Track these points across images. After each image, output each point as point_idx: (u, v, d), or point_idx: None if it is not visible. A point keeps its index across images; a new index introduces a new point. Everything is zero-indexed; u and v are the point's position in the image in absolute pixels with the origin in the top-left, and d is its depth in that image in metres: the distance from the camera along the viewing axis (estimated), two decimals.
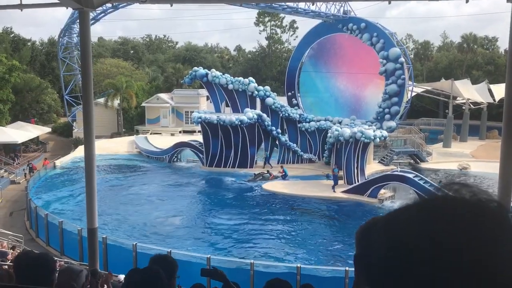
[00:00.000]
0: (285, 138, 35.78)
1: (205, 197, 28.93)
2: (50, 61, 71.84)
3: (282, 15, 65.71)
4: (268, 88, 37.96)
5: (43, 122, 56.34)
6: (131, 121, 55.01)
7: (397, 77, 33.59)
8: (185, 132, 51.45)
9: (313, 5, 33.91)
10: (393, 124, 33.93)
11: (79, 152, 35.38)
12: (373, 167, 34.17)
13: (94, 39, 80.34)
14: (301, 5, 34.45)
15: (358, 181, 29.18)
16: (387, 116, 33.89)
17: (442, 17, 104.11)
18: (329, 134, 32.75)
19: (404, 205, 0.81)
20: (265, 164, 34.95)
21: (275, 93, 38.02)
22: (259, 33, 72.40)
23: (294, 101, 38.93)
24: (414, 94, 41.77)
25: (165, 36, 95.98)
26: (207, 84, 38.07)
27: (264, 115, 34.45)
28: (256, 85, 37.28)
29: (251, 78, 37.99)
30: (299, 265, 15.11)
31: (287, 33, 73.67)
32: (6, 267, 9.54)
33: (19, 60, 51.86)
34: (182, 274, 3.60)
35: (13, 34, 71.45)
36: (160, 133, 50.79)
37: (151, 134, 50.02)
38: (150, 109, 53.70)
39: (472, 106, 48.94)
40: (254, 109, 35.74)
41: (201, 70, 38.06)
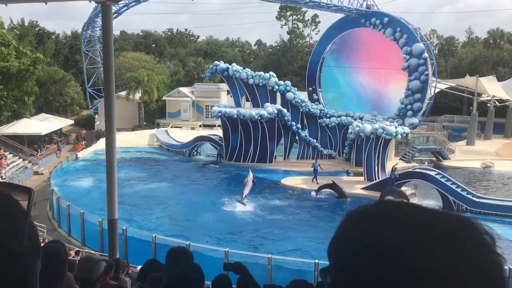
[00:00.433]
0: (305, 134, 35.53)
1: (223, 190, 28.94)
2: (73, 54, 72.90)
3: (304, 9, 65.26)
4: (288, 83, 37.70)
5: (71, 113, 57.54)
6: (152, 114, 55.43)
7: (420, 73, 33.05)
8: (205, 126, 51.56)
9: None
10: (415, 120, 33.43)
11: (101, 144, 35.81)
12: (393, 164, 33.65)
13: (116, 32, 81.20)
14: None
15: (378, 178, 28.88)
16: (409, 113, 33.41)
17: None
18: (349, 130, 32.42)
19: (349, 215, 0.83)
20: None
21: (295, 88, 37.71)
22: (281, 27, 72.12)
23: (315, 96, 38.66)
24: (437, 90, 41.08)
25: (186, 30, 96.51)
26: (228, 78, 38.08)
27: (284, 110, 34.25)
28: (277, 79, 37.05)
29: (271, 73, 37.82)
30: (316, 261, 15.01)
31: (309, 27, 73.21)
32: None
33: (43, 53, 52.67)
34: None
35: (38, 28, 72.67)
36: (181, 127, 51.03)
37: (171, 127, 50.30)
38: (171, 102, 53.99)
39: (497, 103, 47.86)
40: (274, 104, 35.56)
41: (222, 64, 38.07)
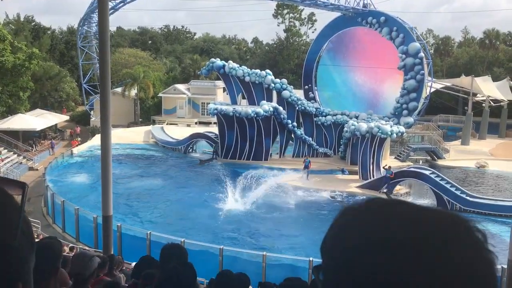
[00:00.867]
0: (300, 132, 35.57)
1: (219, 188, 28.92)
2: (69, 49, 72.59)
3: (301, 8, 65.22)
4: (285, 81, 37.73)
5: (66, 109, 57.35)
6: (148, 111, 55.34)
7: (416, 73, 33.12)
8: (201, 123, 51.55)
9: None
10: (410, 120, 33.53)
11: (96, 140, 35.73)
12: (388, 163, 33.79)
13: (112, 28, 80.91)
14: None
15: (373, 177, 28.97)
16: (404, 112, 33.49)
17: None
18: (345, 129, 32.49)
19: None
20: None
21: (292, 86, 37.72)
22: (278, 25, 72.03)
23: (311, 95, 38.69)
24: (433, 90, 41.13)
25: (183, 27, 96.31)
26: (224, 76, 38.05)
27: (280, 108, 34.28)
28: (273, 77, 37.04)
29: (268, 71, 37.81)
30: (311, 258, 15.06)
31: (305, 25, 73.13)
32: None
33: (39, 48, 52.44)
34: (195, 263, 3.58)
35: (34, 23, 72.29)
36: (176, 124, 50.97)
37: (167, 124, 50.23)
38: (167, 99, 53.90)
39: (492, 103, 48.08)
40: (271, 101, 35.56)
41: (218, 62, 38.01)
